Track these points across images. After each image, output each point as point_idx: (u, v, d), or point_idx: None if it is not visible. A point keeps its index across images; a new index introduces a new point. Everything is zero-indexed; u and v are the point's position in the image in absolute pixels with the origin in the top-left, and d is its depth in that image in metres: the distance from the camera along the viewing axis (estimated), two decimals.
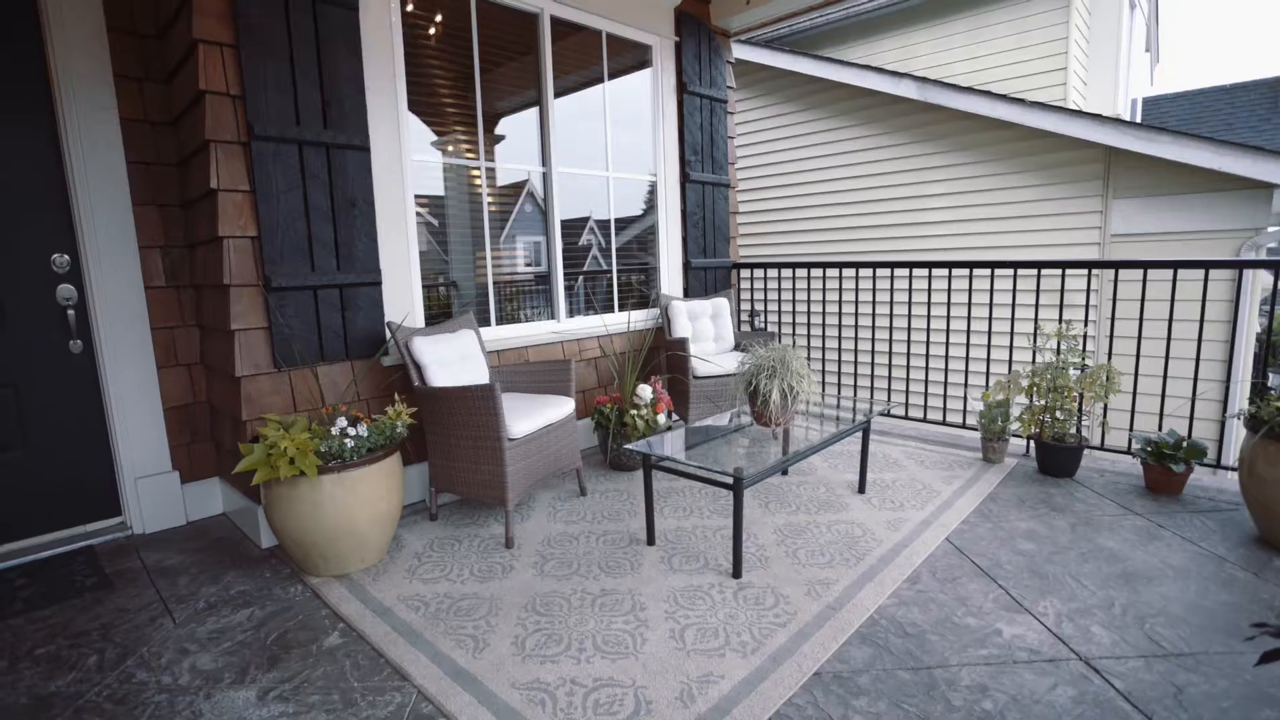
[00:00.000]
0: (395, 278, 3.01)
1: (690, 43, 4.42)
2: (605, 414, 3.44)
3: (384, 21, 2.94)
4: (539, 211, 3.88)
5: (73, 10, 2.68)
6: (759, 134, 7.34)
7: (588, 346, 3.91)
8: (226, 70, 2.53)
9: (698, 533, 2.77)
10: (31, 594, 2.46)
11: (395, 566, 2.55)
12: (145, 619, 2.28)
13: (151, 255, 2.95)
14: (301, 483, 2.31)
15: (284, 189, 2.64)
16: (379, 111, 2.92)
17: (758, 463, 2.55)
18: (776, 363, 2.68)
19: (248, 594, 2.41)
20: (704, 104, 4.54)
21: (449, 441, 2.78)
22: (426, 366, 2.78)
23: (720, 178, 4.69)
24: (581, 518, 2.95)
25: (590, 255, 4.22)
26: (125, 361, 2.90)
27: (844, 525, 2.80)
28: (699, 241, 4.58)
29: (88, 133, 2.75)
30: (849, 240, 6.78)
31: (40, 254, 2.74)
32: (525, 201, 4.17)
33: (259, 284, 2.63)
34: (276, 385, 2.70)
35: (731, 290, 4.72)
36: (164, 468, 3.03)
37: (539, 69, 3.68)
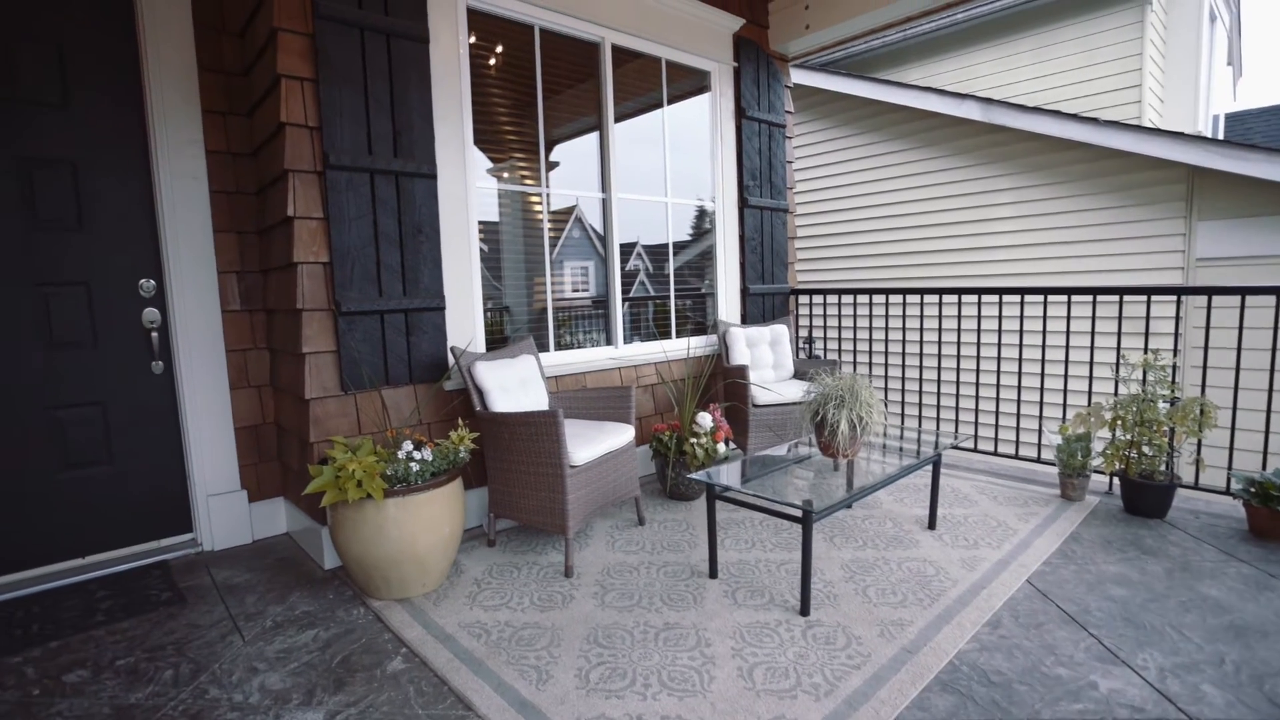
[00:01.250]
0: (458, 303, 3.08)
1: (749, 68, 4.45)
2: (664, 442, 3.42)
3: (452, 53, 3.05)
4: (587, 237, 3.93)
5: (170, 50, 2.87)
6: (814, 158, 7.32)
7: (645, 373, 3.92)
8: (306, 103, 2.65)
9: (761, 566, 2.71)
10: (111, 606, 2.57)
11: (455, 592, 2.56)
12: (216, 635, 2.34)
13: (228, 280, 3.10)
14: (367, 505, 2.36)
15: (355, 216, 2.74)
16: (446, 140, 3.02)
17: (826, 496, 2.49)
18: (845, 392, 2.62)
19: (312, 615, 2.46)
20: (762, 129, 4.55)
21: (509, 467, 2.80)
22: (488, 391, 2.82)
23: (779, 203, 4.68)
24: (641, 548, 2.93)
25: (637, 280, 4.24)
26: (201, 382, 3.03)
27: (915, 563, 2.70)
28: (757, 267, 4.56)
29: (177, 165, 2.91)
30: (908, 265, 6.66)
31: (130, 279, 2.90)
32: (574, 227, 4.23)
33: (329, 309, 2.73)
34: (343, 408, 2.78)
35: (790, 317, 4.67)
36: (233, 486, 3.14)
37: (600, 96, 3.75)
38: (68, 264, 2.77)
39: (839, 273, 7.24)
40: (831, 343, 5.22)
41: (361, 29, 2.73)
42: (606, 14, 3.65)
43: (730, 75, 4.40)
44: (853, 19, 4.23)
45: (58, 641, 2.33)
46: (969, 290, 3.97)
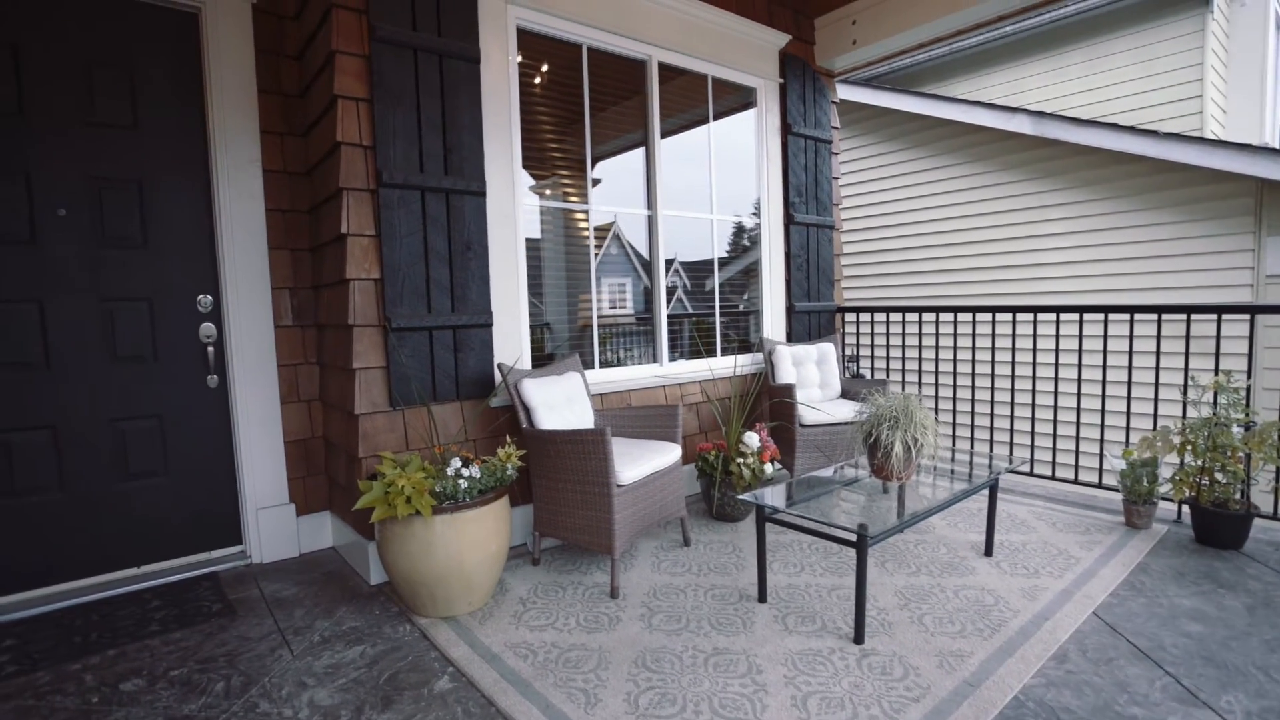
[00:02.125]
0: (505, 319, 3.11)
1: (795, 84, 4.45)
2: (709, 461, 3.39)
3: (502, 72, 3.11)
4: (624, 253, 3.95)
5: (232, 74, 2.98)
6: (857, 174, 7.27)
7: (689, 391, 3.90)
8: (360, 123, 2.73)
9: (811, 591, 2.66)
10: (165, 616, 2.63)
11: (501, 611, 2.56)
12: (265, 649, 2.38)
13: (281, 296, 3.18)
14: (415, 522, 2.38)
15: (406, 233, 2.80)
16: (495, 157, 3.07)
17: (880, 519, 2.44)
18: (899, 413, 2.57)
19: (359, 630, 2.48)
20: (808, 145, 4.54)
21: (555, 485, 2.81)
22: (535, 409, 2.83)
23: (825, 219, 4.64)
24: (687, 569, 2.90)
25: (675, 298, 4.24)
26: (253, 396, 3.11)
27: (972, 591, 2.62)
28: (802, 284, 4.52)
29: (235, 184, 3.02)
30: (956, 283, 6.54)
31: (189, 295, 3.01)
32: (611, 244, 4.26)
33: (380, 324, 2.78)
34: (391, 423, 2.82)
35: (836, 335, 4.62)
36: (282, 500, 3.20)
37: (646, 114, 3.79)
38: (132, 280, 2.88)
39: (884, 290, 7.14)
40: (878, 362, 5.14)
41: (415, 50, 2.81)
42: (654, 32, 3.69)
43: (776, 91, 4.40)
44: (901, 34, 4.21)
45: (115, 650, 2.39)
46: (1024, 309, 3.88)
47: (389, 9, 2.74)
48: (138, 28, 2.85)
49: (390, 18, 2.74)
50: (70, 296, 2.75)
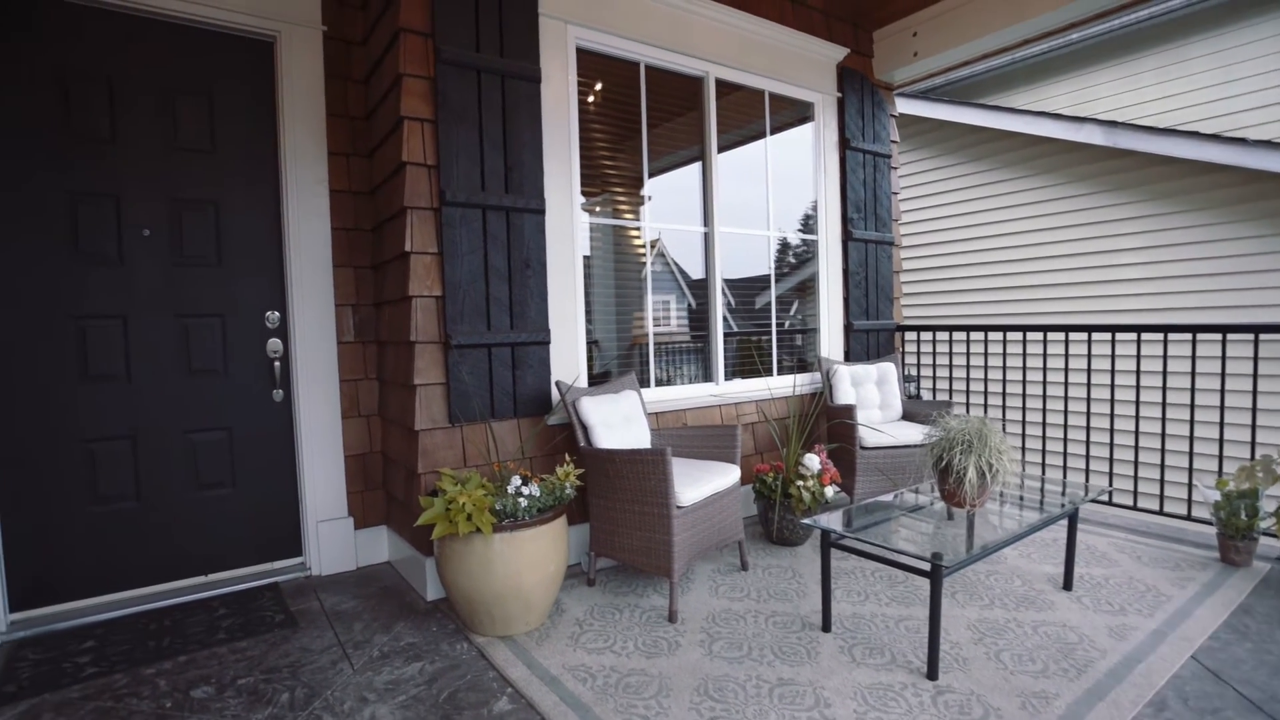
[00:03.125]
0: (562, 337, 3.13)
1: (853, 98, 4.40)
2: (767, 483, 3.33)
3: (562, 91, 3.16)
4: (669, 270, 3.93)
5: (302, 99, 3.11)
6: (913, 188, 7.13)
7: (745, 410, 3.85)
8: (425, 143, 2.80)
9: (877, 621, 2.57)
10: (231, 624, 2.70)
11: (558, 632, 2.55)
12: (327, 661, 2.41)
13: (344, 313, 3.27)
14: (475, 539, 2.39)
15: (467, 251, 2.85)
16: (554, 175, 3.11)
17: (951, 548, 2.34)
18: (973, 436, 2.48)
19: (417, 647, 2.50)
20: (867, 159, 4.47)
21: (612, 505, 2.79)
22: (593, 427, 2.83)
23: (884, 235, 4.56)
24: (746, 595, 2.84)
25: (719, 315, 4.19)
26: (316, 411, 3.20)
27: (1052, 627, 2.49)
28: (861, 303, 4.44)
29: (304, 204, 3.13)
30: (1020, 300, 6.32)
31: (257, 311, 3.12)
32: (655, 260, 4.25)
33: (441, 341, 2.83)
34: (450, 440, 2.86)
35: (897, 354, 4.51)
36: (341, 513, 3.27)
37: (703, 130, 3.79)
38: (206, 297, 3.00)
39: (941, 309, 6.96)
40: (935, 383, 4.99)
41: (479, 71, 2.87)
42: (711, 49, 3.71)
43: (834, 105, 4.36)
44: (965, 44, 4.13)
45: (185, 656, 2.46)
46: (1102, 328, 3.71)
47: (454, 32, 2.82)
48: (218, 56, 3.00)
49: (455, 40, 2.82)
50: (150, 313, 2.89)
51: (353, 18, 3.26)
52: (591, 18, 3.25)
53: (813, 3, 4.26)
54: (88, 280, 2.77)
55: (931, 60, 4.37)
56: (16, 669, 2.39)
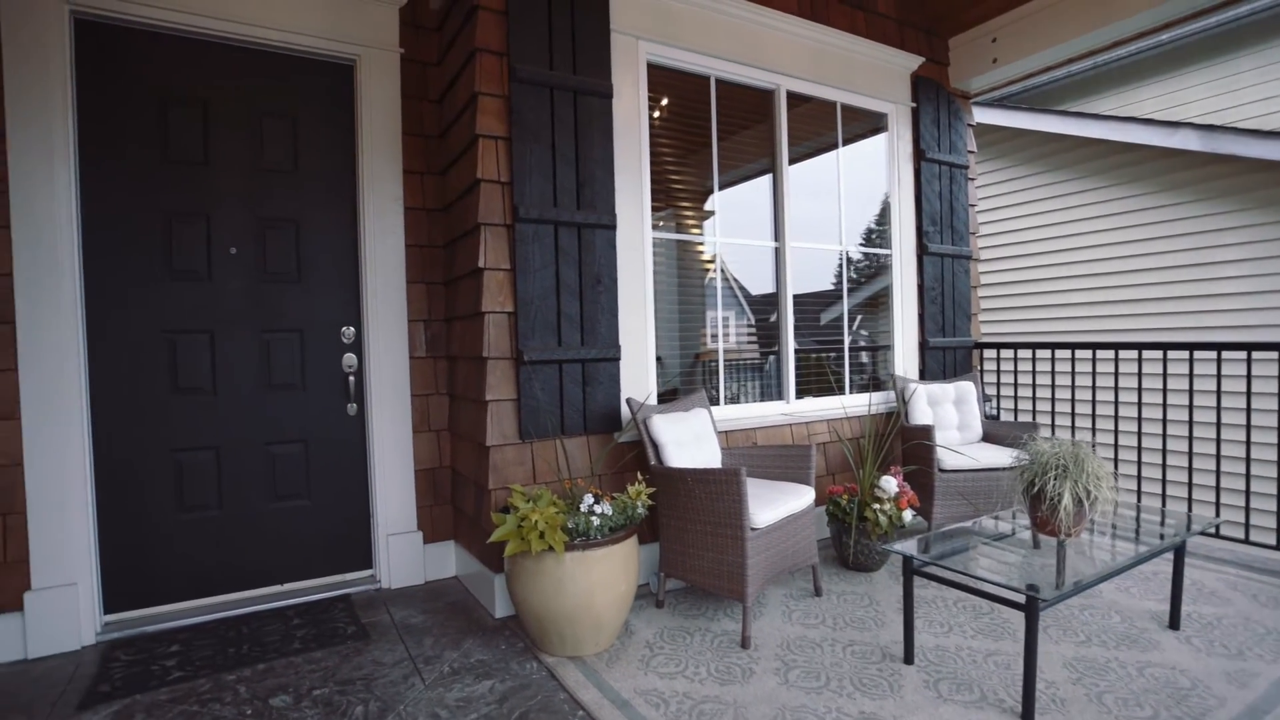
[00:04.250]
0: (632, 354, 3.15)
1: (928, 108, 4.32)
2: (841, 506, 3.25)
3: (633, 106, 3.20)
4: (729, 286, 3.89)
5: (380, 119, 3.23)
6: (988, 200, 6.92)
7: (816, 430, 3.78)
8: (499, 160, 2.88)
9: (963, 655, 2.46)
10: (305, 635, 2.78)
11: (627, 654, 2.53)
12: (399, 675, 2.46)
13: (416, 328, 3.37)
14: (547, 558, 2.41)
15: (539, 267, 2.90)
16: (625, 190, 3.15)
17: (1044, 580, 2.23)
18: (1068, 461, 2.36)
19: (487, 664, 2.52)
20: (943, 171, 4.37)
21: (683, 525, 2.77)
22: (664, 446, 2.83)
23: (961, 249, 4.43)
24: (821, 621, 2.77)
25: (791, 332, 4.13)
26: (388, 425, 3.29)
27: (1160, 670, 2.34)
28: (937, 319, 4.32)
29: (380, 221, 3.25)
30: (1107, 316, 6.04)
31: (334, 327, 3.24)
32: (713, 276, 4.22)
33: (512, 357, 2.88)
34: (520, 456, 2.90)
35: (975, 373, 4.36)
36: (410, 527, 3.34)
37: (773, 143, 3.78)
38: (287, 313, 3.14)
39: (1020, 325, 6.71)
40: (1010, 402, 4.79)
41: (552, 89, 2.94)
42: (783, 61, 3.70)
43: (908, 116, 4.28)
44: (1049, 49, 4.01)
45: (264, 664, 2.55)
46: (1205, 345, 3.50)
47: (528, 50, 2.89)
48: (302, 80, 3.15)
49: (529, 58, 2.89)
50: (235, 328, 3.03)
51: (428, 40, 3.38)
52: (663, 33, 3.29)
53: (885, 11, 4.21)
54: (179, 296, 2.93)
55: (1012, 67, 4.25)
56: (110, 669, 2.52)
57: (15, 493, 2.59)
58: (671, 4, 3.32)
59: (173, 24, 2.84)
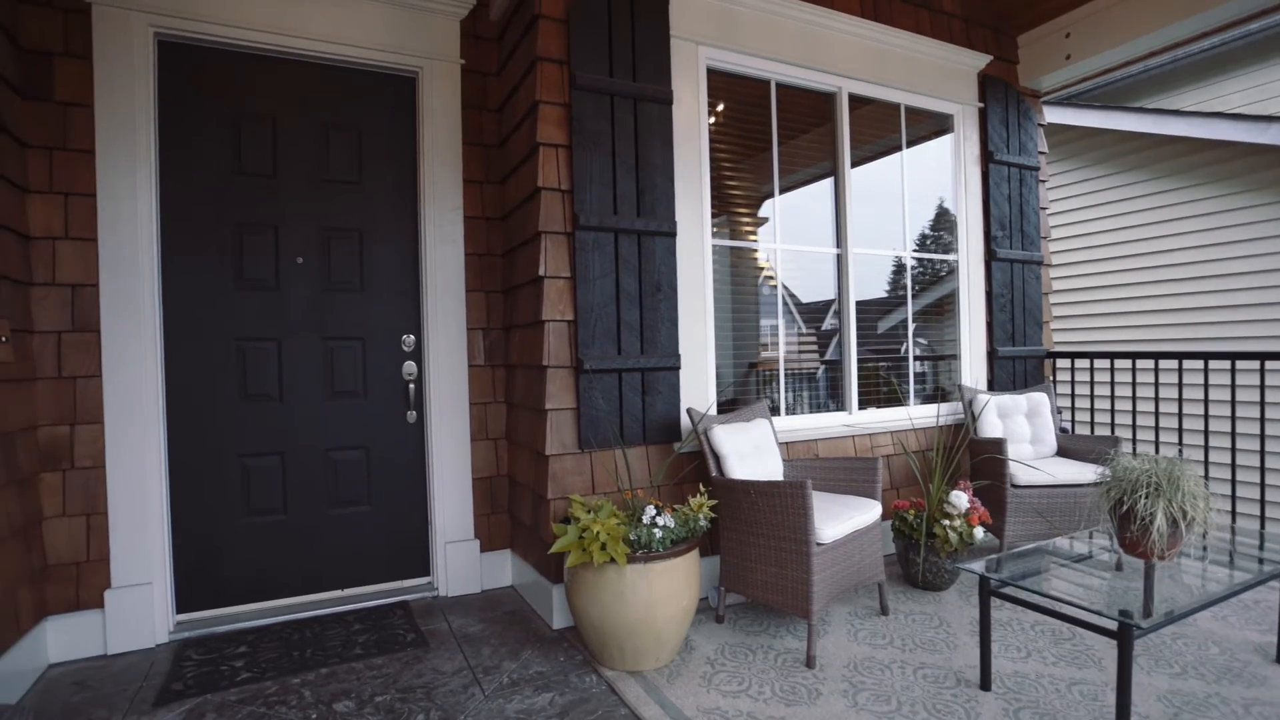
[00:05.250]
0: (692, 363, 3.13)
1: (996, 108, 4.20)
2: (908, 521, 3.16)
3: (693, 112, 3.19)
4: (770, 293, 3.81)
5: (441, 130, 3.30)
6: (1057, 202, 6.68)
7: (880, 442, 3.69)
8: (559, 168, 2.90)
9: (1044, 682, 2.35)
10: (366, 641, 2.84)
11: (688, 670, 2.50)
12: (458, 685, 2.48)
13: (475, 336, 3.41)
14: (609, 570, 2.40)
15: (599, 275, 2.91)
16: (685, 198, 3.14)
17: (1134, 604, 2.12)
18: (1161, 478, 2.24)
19: (546, 676, 2.52)
20: (1012, 173, 4.24)
21: (744, 539, 2.73)
22: (725, 457, 2.79)
23: (1031, 254, 4.28)
24: (888, 642, 2.68)
25: (834, 341, 4.05)
26: (446, 433, 3.34)
27: (1270, 709, 2.19)
28: (1006, 327, 4.18)
29: (440, 230, 3.31)
30: (1190, 324, 5.74)
31: (395, 335, 3.31)
32: (764, 284, 4.16)
33: (572, 366, 2.89)
34: (579, 466, 2.90)
35: (1049, 384, 4.20)
36: (467, 535, 3.38)
37: (835, 147, 3.72)
38: (350, 321, 3.22)
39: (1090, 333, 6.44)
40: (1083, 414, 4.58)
41: (612, 96, 2.95)
42: (845, 63, 3.65)
43: (975, 116, 4.17)
44: (1129, 42, 3.85)
45: (326, 669, 2.60)
46: None
47: (588, 58, 2.91)
48: (366, 93, 3.24)
49: (590, 66, 2.91)
50: (300, 336, 3.13)
51: (488, 50, 3.44)
52: (723, 37, 3.28)
53: (951, 10, 4.11)
54: (249, 305, 3.04)
55: (1087, 63, 4.10)
56: (183, 668, 2.61)
57: (99, 494, 2.72)
58: (731, 8, 3.30)
59: (247, 42, 2.96)
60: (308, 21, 3.03)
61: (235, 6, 2.91)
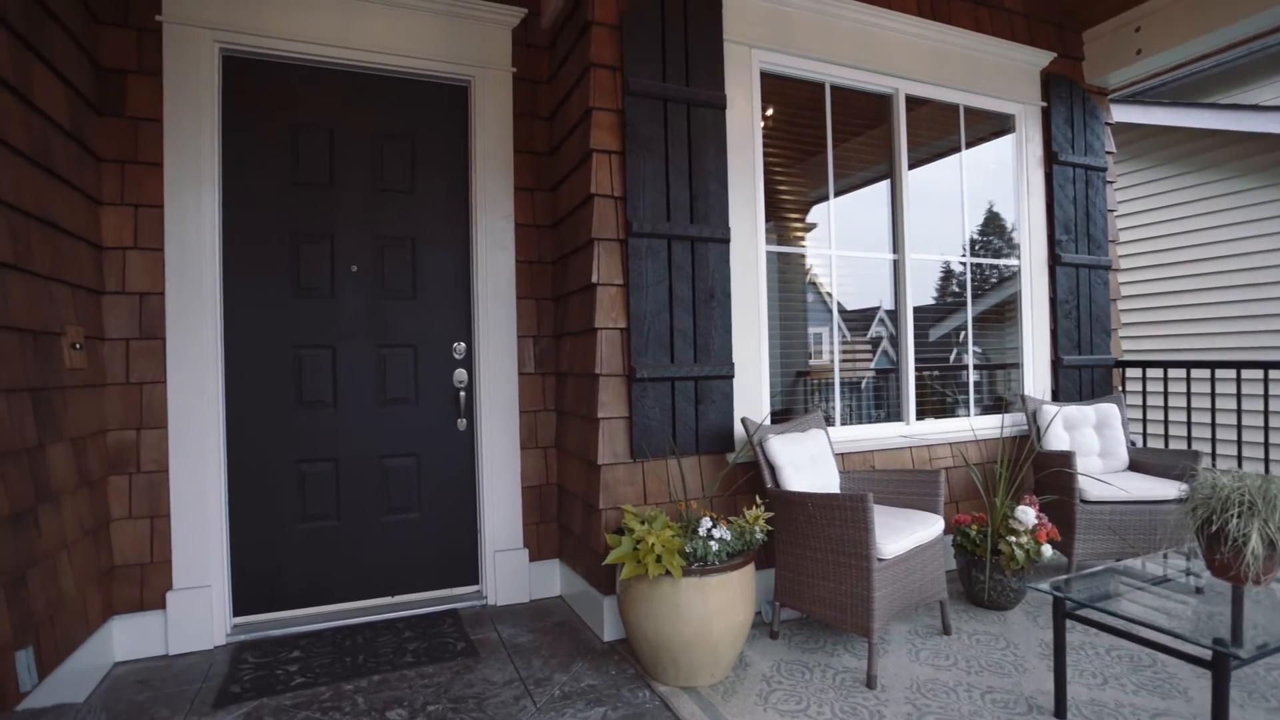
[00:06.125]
0: (745, 371, 3.09)
1: (1060, 107, 4.06)
2: (970, 537, 3.06)
3: (746, 116, 3.16)
4: (820, 300, 3.73)
5: (493, 138, 3.34)
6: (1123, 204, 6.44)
7: (938, 454, 3.59)
8: (612, 175, 2.90)
9: (1125, 712, 2.24)
10: (417, 648, 2.85)
11: (743, 687, 2.45)
12: (509, 696, 2.47)
13: (525, 344, 3.43)
14: (663, 582, 2.37)
15: (652, 282, 2.89)
16: (739, 203, 3.11)
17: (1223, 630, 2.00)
18: (1255, 497, 2.11)
19: (597, 690, 2.50)
20: (1077, 174, 4.09)
21: (800, 553, 2.67)
22: (781, 468, 2.74)
23: (1098, 259, 4.13)
24: (952, 663, 2.59)
25: (880, 350, 3.95)
26: (496, 441, 3.35)
27: None
28: (1071, 335, 4.03)
29: (491, 238, 3.34)
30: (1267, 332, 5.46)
31: (446, 342, 3.34)
32: (807, 290, 4.08)
33: (624, 374, 2.87)
34: (631, 475, 2.88)
35: (1118, 394, 4.03)
36: (516, 544, 3.38)
37: (891, 150, 3.65)
38: (402, 329, 3.26)
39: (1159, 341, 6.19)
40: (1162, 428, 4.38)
41: (665, 101, 2.94)
42: (902, 64, 3.58)
43: (1037, 116, 4.04)
44: (1206, 35, 3.68)
45: (379, 676, 2.62)
46: None
47: (641, 63, 2.91)
48: (420, 102, 3.30)
49: (643, 71, 2.90)
50: (354, 344, 3.18)
51: (539, 58, 3.47)
52: (776, 40, 3.24)
53: (1011, 6, 4.00)
54: (305, 313, 3.10)
55: (1160, 57, 3.94)
56: (240, 671, 2.66)
57: (162, 497, 2.80)
58: (785, 10, 3.27)
59: (306, 55, 3.04)
60: (365, 33, 3.10)
61: (296, 21, 2.99)
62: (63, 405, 2.40)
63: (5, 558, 2.00)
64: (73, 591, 2.41)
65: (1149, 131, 6.20)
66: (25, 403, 2.15)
